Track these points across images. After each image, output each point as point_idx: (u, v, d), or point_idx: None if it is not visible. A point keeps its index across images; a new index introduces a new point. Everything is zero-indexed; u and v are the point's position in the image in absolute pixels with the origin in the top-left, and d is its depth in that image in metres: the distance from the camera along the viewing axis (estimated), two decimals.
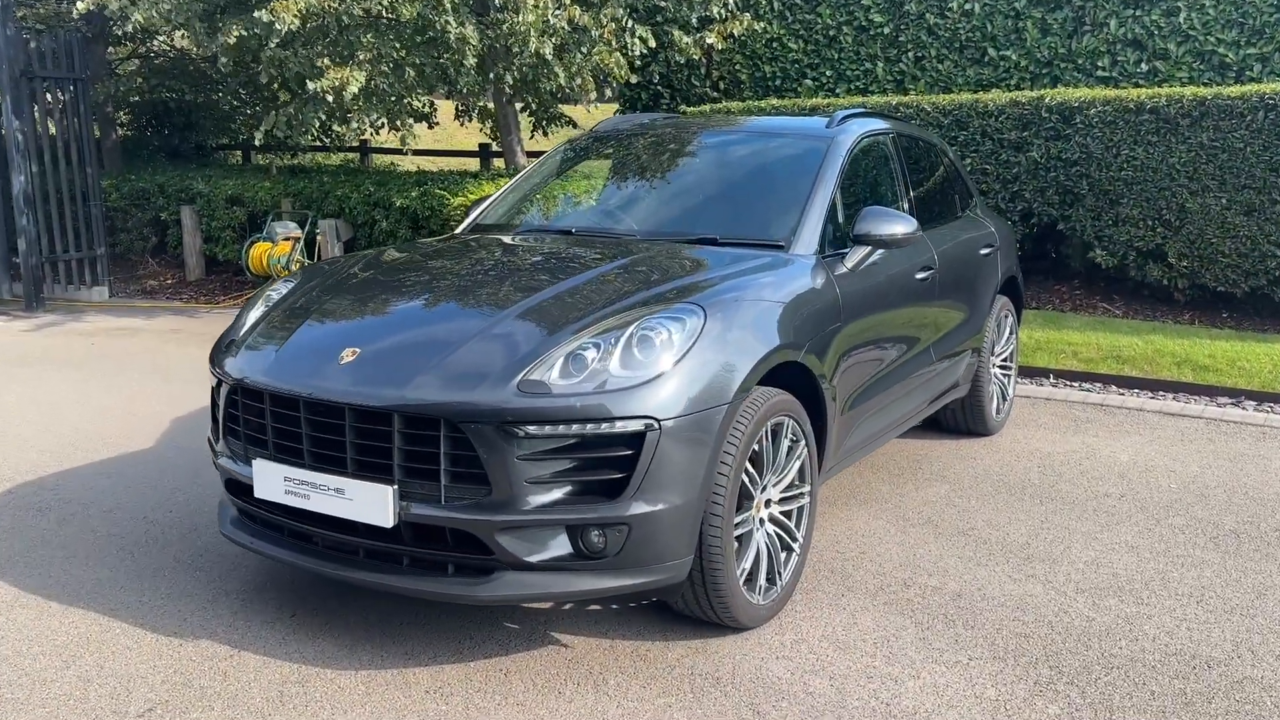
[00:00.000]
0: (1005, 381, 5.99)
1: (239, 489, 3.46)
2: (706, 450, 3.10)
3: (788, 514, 3.61)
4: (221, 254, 11.25)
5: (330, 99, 8.30)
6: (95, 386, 6.97)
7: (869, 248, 4.15)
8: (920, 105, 9.01)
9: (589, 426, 2.94)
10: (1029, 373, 7.25)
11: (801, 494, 3.65)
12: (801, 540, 3.66)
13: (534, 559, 3.00)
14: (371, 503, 3.03)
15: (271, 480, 3.24)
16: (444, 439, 2.97)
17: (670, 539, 3.06)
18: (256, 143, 9.77)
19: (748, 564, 3.38)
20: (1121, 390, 6.97)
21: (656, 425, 2.98)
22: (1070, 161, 8.45)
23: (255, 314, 3.79)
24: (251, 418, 3.36)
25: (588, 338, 3.11)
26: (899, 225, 4.06)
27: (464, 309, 3.50)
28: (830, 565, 4.00)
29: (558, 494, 2.98)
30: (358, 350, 3.21)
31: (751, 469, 3.34)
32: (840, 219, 4.22)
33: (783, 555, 3.56)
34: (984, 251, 5.51)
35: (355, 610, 3.56)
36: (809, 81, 11.18)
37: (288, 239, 10.26)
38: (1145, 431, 5.99)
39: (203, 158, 14.53)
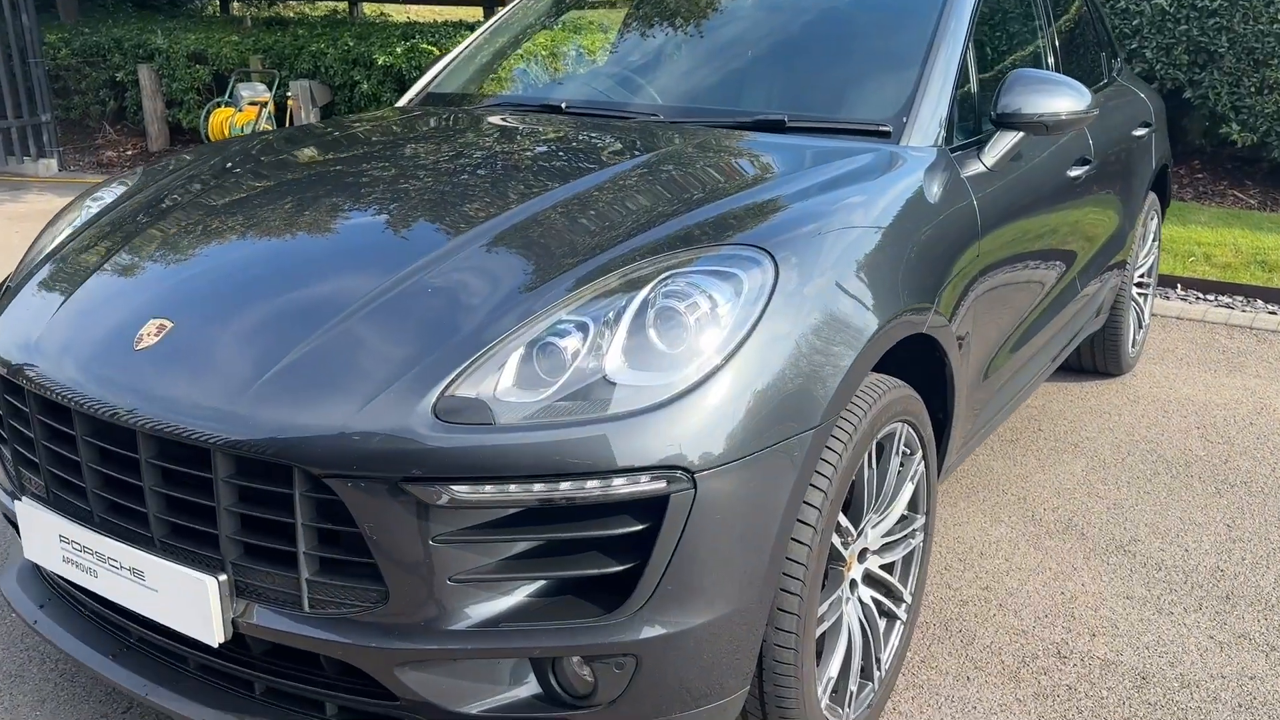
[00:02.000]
0: (1142, 304, 4.56)
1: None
2: (777, 512, 1.75)
3: (890, 567, 2.29)
4: (186, 120, 9.77)
5: None
6: None
7: (1017, 134, 2.70)
8: None
9: (564, 486, 1.59)
10: None
11: (913, 531, 2.32)
12: (910, 600, 2.35)
13: (471, 709, 1.70)
14: (185, 600, 1.73)
15: (42, 535, 1.93)
16: (301, 501, 1.63)
17: (710, 670, 1.75)
18: None
19: (834, 668, 2.08)
20: (1273, 307, 5.50)
21: (688, 480, 1.62)
22: (1207, 11, 6.74)
23: (59, 239, 2.42)
24: (17, 426, 2.03)
25: (567, 311, 1.74)
26: (1064, 98, 2.59)
27: (363, 247, 2.08)
28: (944, 615, 2.70)
29: (509, 601, 1.65)
30: (168, 324, 1.85)
31: (843, 517, 2.01)
32: (973, 87, 2.75)
33: (881, 624, 2.25)
34: (1139, 133, 4.00)
35: None
36: None
37: (254, 104, 8.76)
38: None
39: (174, 8, 12.85)
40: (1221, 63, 6.78)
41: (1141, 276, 4.52)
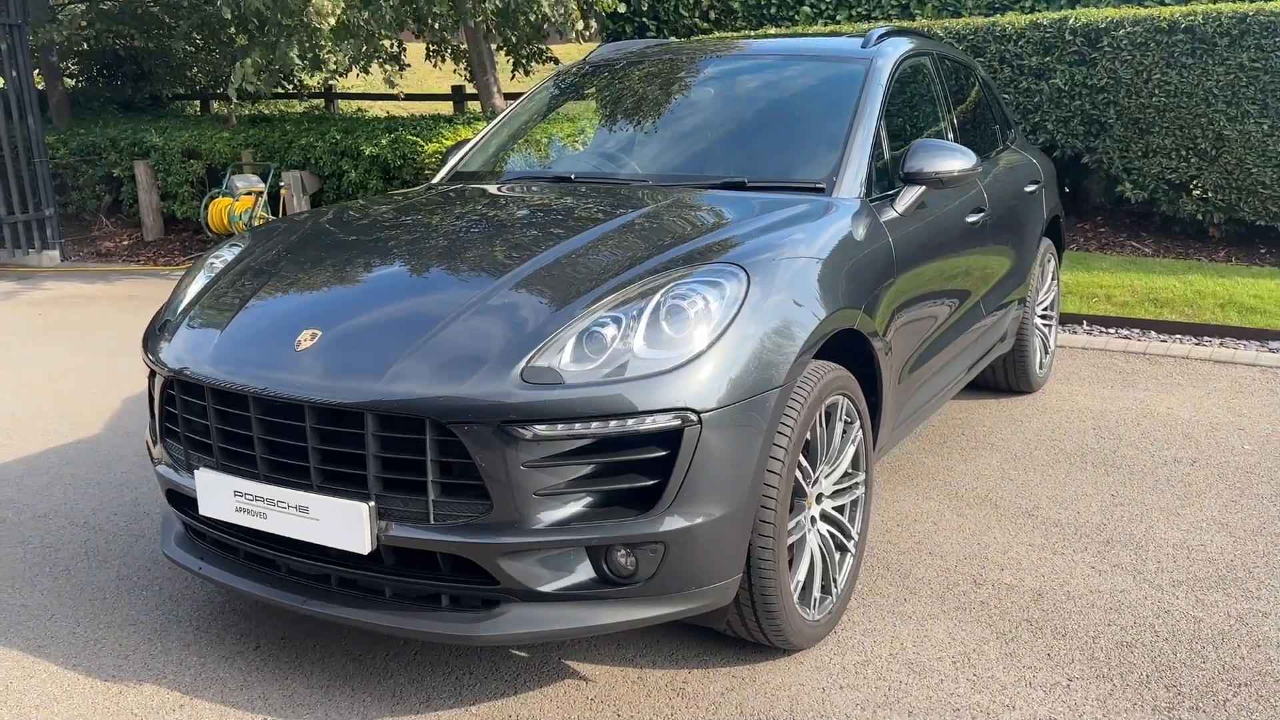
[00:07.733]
0: (1047, 332, 5.42)
1: (183, 501, 2.85)
2: (756, 445, 2.51)
3: (841, 509, 3.03)
4: (180, 211, 10.50)
5: (304, 35, 7.52)
6: (38, 363, 6.29)
7: (921, 188, 3.54)
8: (931, 31, 8.31)
9: (612, 424, 2.34)
10: (1061, 319, 6.68)
11: (856, 484, 3.08)
12: (857, 538, 3.10)
13: (548, 588, 2.42)
14: (343, 524, 2.43)
15: (219, 495, 2.63)
16: (430, 444, 2.36)
17: (715, 557, 2.48)
18: (232, 99, 9.01)
19: (801, 574, 2.82)
20: (1163, 336, 6.41)
21: (695, 418, 2.38)
22: (1096, 88, 7.81)
23: (196, 286, 3.15)
24: (192, 417, 2.74)
25: (604, 311, 2.50)
26: (956, 160, 3.44)
27: (449, 277, 2.86)
28: (885, 560, 3.45)
29: (575, 508, 2.39)
30: (319, 332, 2.59)
31: (804, 461, 2.76)
32: (886, 154, 3.59)
33: (837, 557, 3.00)
34: (1029, 189, 4.90)
35: (331, 639, 2.98)
36: (806, 9, 10.43)
37: (249, 193, 9.52)
38: (1198, 383, 5.44)
39: (158, 109, 13.66)
40: (1112, 131, 7.82)
41: (1045, 309, 5.38)
